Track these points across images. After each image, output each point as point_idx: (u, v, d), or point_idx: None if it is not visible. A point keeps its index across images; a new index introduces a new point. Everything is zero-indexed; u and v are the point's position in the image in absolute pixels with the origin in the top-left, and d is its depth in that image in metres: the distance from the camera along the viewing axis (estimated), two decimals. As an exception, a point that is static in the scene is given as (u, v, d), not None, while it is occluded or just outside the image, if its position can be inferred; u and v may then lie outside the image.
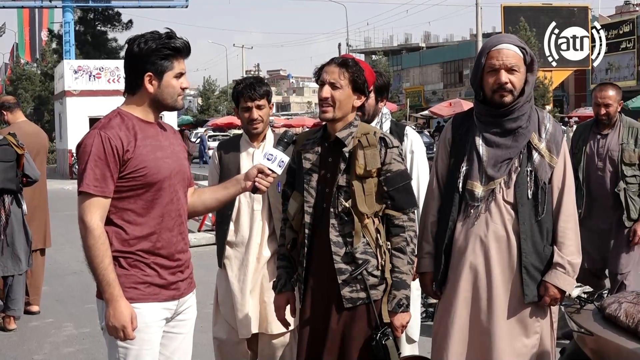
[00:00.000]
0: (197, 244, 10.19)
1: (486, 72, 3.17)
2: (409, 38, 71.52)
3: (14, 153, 6.14)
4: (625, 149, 5.29)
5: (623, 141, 5.31)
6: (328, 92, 3.11)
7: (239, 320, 3.90)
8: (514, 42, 3.17)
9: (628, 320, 2.94)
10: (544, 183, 3.15)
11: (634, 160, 5.30)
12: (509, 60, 3.11)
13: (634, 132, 5.33)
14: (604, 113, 5.32)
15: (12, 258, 6.26)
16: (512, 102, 3.14)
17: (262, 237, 3.95)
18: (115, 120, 2.83)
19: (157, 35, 2.84)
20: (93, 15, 37.15)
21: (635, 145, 5.31)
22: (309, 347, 3.17)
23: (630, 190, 5.29)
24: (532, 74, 3.18)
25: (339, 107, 3.12)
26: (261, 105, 3.94)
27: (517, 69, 3.12)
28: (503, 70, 3.12)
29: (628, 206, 5.25)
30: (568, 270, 3.12)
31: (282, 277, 3.33)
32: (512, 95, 3.13)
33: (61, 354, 5.77)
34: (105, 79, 25.82)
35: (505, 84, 3.11)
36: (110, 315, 2.72)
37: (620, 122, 5.40)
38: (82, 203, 2.74)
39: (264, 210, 3.94)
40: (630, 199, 5.28)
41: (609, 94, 5.33)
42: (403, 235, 3.12)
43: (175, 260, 2.91)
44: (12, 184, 6.16)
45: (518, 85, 3.14)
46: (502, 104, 3.14)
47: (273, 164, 3.02)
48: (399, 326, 3.12)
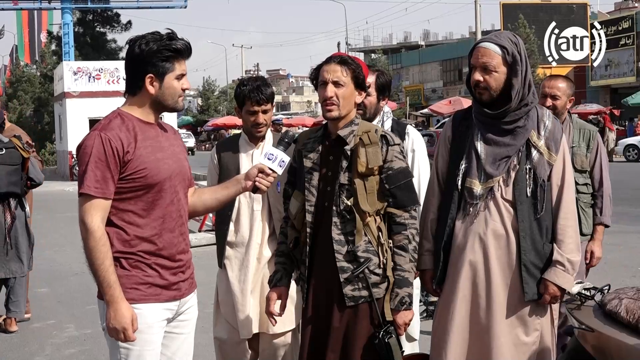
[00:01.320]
0: (198, 244, 10.19)
1: (470, 69, 3.19)
2: (408, 36, 71.55)
3: (19, 156, 6.16)
4: (576, 153, 4.53)
5: (574, 144, 4.55)
6: (332, 91, 3.11)
7: (239, 320, 3.90)
8: (499, 40, 3.13)
9: (629, 316, 2.94)
10: (542, 181, 3.15)
11: (586, 166, 4.58)
12: (483, 58, 3.11)
13: (586, 134, 4.61)
14: (549, 105, 4.54)
15: (15, 260, 6.29)
16: (491, 101, 3.13)
17: (263, 237, 3.95)
18: (115, 122, 2.83)
19: (158, 36, 2.84)
20: (92, 17, 37.15)
21: (588, 150, 4.59)
22: (311, 346, 3.17)
23: (582, 201, 4.52)
24: (515, 77, 3.12)
25: (343, 105, 3.12)
26: (267, 110, 3.94)
27: (493, 69, 3.10)
28: (478, 68, 3.12)
29: (579, 219, 4.16)
30: (567, 268, 3.12)
31: (279, 272, 3.32)
32: (489, 94, 3.12)
33: (62, 356, 5.77)
34: (105, 80, 25.82)
35: (478, 82, 3.11)
36: (111, 316, 2.72)
37: (570, 123, 4.63)
38: (83, 205, 2.74)
39: (264, 210, 3.94)
40: (582, 211, 4.51)
41: (557, 84, 4.63)
42: (405, 233, 3.13)
43: (176, 260, 2.92)
44: (17, 187, 6.18)
45: (493, 84, 3.11)
46: (482, 102, 3.14)
47: (274, 163, 3.02)
48: (402, 324, 3.12)
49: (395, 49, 65.21)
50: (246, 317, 3.90)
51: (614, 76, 41.26)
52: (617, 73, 40.82)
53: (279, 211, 3.81)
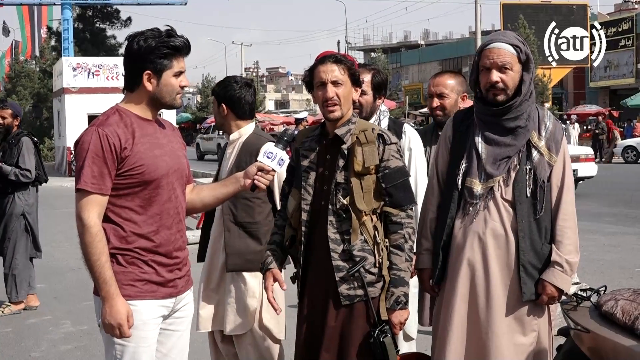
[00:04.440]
0: (195, 241, 10.12)
1: (480, 70, 3.18)
2: (408, 35, 71.52)
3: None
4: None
5: None
6: (333, 91, 3.10)
7: (198, 313, 3.96)
8: (509, 40, 3.15)
9: (625, 317, 2.94)
10: (542, 181, 3.15)
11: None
12: (500, 58, 3.11)
13: None
14: (437, 106, 4.17)
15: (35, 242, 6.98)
16: (506, 101, 3.14)
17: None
18: (113, 118, 2.83)
19: (157, 33, 2.83)
20: (92, 13, 37.08)
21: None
22: (307, 344, 3.17)
23: None
24: (527, 73, 3.16)
25: (344, 104, 3.13)
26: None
27: (510, 67, 3.11)
28: (494, 69, 3.12)
29: None
30: (566, 269, 3.12)
31: (269, 257, 3.28)
32: (506, 94, 3.13)
33: (59, 352, 5.77)
34: (104, 76, 25.79)
35: (496, 82, 3.11)
36: (106, 312, 2.72)
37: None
38: (80, 200, 2.74)
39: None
40: None
41: (445, 81, 4.18)
42: (401, 232, 3.12)
43: (173, 257, 2.92)
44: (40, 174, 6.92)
45: (511, 83, 3.13)
46: (497, 103, 3.14)
47: (273, 162, 3.03)
48: (397, 323, 3.12)
49: (395, 48, 65.18)
50: (204, 311, 4.01)
51: (614, 77, 41.28)
52: (617, 74, 40.83)
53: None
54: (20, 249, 6.99)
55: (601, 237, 10.47)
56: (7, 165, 6.80)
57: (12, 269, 6.93)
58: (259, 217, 3.97)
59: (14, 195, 6.95)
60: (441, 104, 4.15)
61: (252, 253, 3.91)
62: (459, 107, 4.11)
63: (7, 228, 6.95)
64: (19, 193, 6.96)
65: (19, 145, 6.87)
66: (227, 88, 4.05)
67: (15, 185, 6.91)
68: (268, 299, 3.24)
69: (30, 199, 7.05)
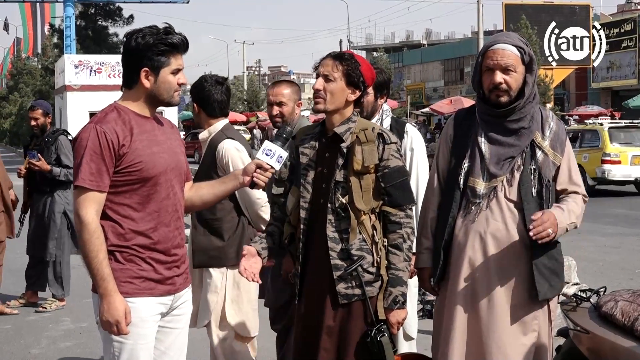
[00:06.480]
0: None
1: (483, 71, 3.17)
2: (410, 35, 71.42)
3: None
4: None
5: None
6: (321, 84, 3.12)
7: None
8: (512, 41, 3.14)
9: (624, 318, 2.94)
10: (548, 181, 3.15)
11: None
12: (504, 60, 3.10)
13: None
14: (276, 113, 4.40)
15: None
16: (508, 102, 3.13)
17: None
18: (111, 115, 2.83)
19: (155, 30, 2.83)
20: (94, 10, 37.09)
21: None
22: (304, 343, 3.17)
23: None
24: (531, 75, 3.15)
25: (330, 100, 3.12)
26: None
27: (513, 69, 3.10)
28: (498, 71, 3.10)
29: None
30: (566, 214, 3.07)
31: (259, 238, 3.24)
32: (509, 96, 3.12)
33: (58, 349, 5.77)
34: (106, 74, 25.78)
35: (500, 84, 3.10)
36: (104, 309, 2.72)
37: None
38: (78, 197, 2.74)
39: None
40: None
41: (282, 90, 4.40)
42: (400, 232, 3.11)
43: (171, 255, 2.91)
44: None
45: (514, 85, 3.11)
46: (500, 104, 3.13)
47: (272, 159, 3.02)
48: (395, 323, 3.11)
49: (397, 48, 65.14)
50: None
51: (616, 78, 41.22)
52: (619, 75, 40.76)
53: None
54: (66, 248, 7.03)
55: (601, 238, 10.47)
56: (56, 167, 6.76)
57: (56, 266, 6.96)
58: (220, 214, 4.00)
59: (54, 194, 6.91)
60: (280, 112, 4.37)
61: (215, 249, 3.97)
62: (295, 113, 4.38)
63: (50, 227, 6.90)
64: (59, 191, 6.92)
65: (56, 144, 6.84)
66: (198, 87, 4.10)
67: (54, 184, 6.87)
68: (239, 269, 3.14)
69: (70, 197, 6.94)
